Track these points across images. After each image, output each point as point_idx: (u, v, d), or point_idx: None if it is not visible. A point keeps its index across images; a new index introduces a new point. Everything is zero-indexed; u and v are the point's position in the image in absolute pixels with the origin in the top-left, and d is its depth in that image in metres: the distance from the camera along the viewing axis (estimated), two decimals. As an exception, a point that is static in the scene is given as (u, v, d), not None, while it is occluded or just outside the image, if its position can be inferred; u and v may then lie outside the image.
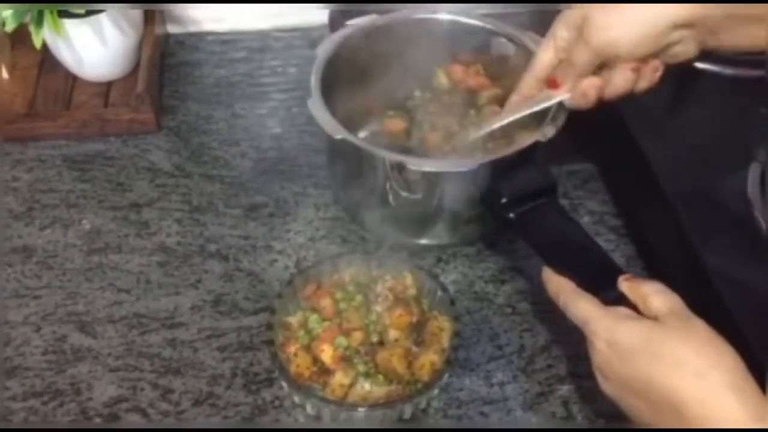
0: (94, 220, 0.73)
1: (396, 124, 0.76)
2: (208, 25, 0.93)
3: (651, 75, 0.57)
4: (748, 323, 0.53)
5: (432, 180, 0.63)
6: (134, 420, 0.58)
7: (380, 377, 0.57)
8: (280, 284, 0.66)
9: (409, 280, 0.63)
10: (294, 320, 0.61)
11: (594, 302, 0.51)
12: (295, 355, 0.58)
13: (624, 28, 0.55)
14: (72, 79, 0.84)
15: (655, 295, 0.49)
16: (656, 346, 0.46)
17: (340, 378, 0.57)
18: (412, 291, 0.62)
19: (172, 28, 0.93)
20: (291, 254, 0.70)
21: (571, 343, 0.63)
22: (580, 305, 0.51)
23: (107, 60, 0.82)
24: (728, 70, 0.70)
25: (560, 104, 0.62)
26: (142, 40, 0.85)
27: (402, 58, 0.74)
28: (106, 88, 0.83)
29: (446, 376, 0.58)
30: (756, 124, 0.64)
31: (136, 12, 0.83)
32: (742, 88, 0.70)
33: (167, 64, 0.89)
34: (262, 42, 0.92)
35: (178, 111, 0.84)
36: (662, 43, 0.55)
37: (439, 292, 0.62)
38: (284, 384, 0.57)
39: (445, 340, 0.59)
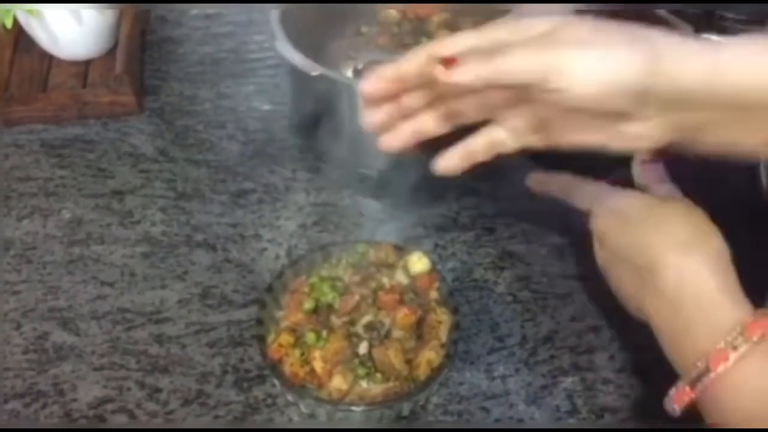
0: (74, 209, 0.70)
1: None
2: (190, -1, 0.89)
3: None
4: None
5: None
6: (121, 421, 0.56)
7: (378, 375, 0.55)
8: (270, 275, 0.64)
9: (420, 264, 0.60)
10: (285, 316, 0.58)
11: (600, 184, 0.52)
12: (287, 355, 0.55)
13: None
14: (48, 59, 0.80)
15: (663, 185, 0.51)
16: (656, 218, 0.47)
17: (338, 383, 0.54)
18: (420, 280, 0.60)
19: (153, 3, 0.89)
20: (281, 243, 0.67)
21: (575, 334, 0.60)
22: (587, 187, 0.52)
23: (84, 38, 0.78)
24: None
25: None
26: (121, 15, 0.81)
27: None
28: (84, 68, 0.79)
29: (445, 371, 0.55)
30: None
31: (113, -14, 0.79)
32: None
33: (148, 42, 0.85)
34: (247, 15, 0.89)
35: (160, 91, 0.80)
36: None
37: (437, 283, 0.59)
38: (277, 383, 0.55)
39: (444, 334, 0.57)
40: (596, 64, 0.39)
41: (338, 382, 0.54)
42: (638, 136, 0.42)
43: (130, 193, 0.71)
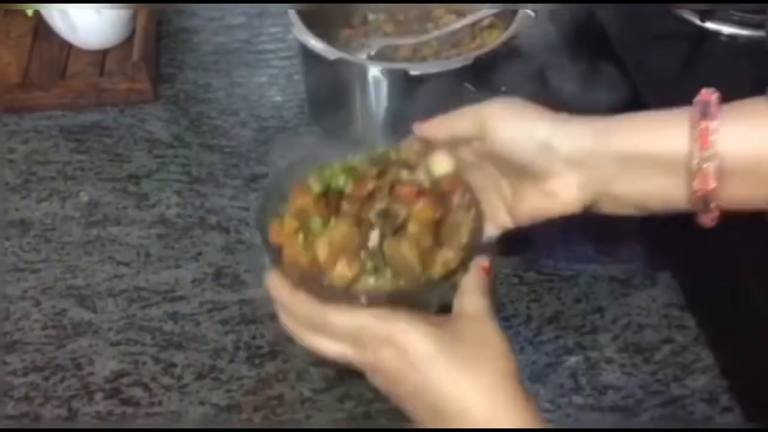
0: (92, 192, 0.71)
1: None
2: (205, -10, 0.91)
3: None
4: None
5: (430, 83, 0.65)
6: (137, 394, 0.58)
7: (388, 272, 0.48)
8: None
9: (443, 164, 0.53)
10: (291, 201, 0.51)
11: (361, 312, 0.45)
12: (289, 240, 0.48)
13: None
14: (67, 47, 0.82)
15: (478, 298, 0.47)
16: (445, 364, 0.43)
17: (342, 270, 0.46)
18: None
19: (169, -6, 0.91)
20: (293, 225, 0.69)
21: (579, 314, 0.62)
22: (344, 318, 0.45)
23: (102, 27, 0.80)
24: (743, 32, 0.68)
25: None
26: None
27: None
28: (101, 56, 0.81)
29: (460, 274, 0.49)
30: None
31: (130, -23, 0.81)
32: (757, 51, 0.68)
33: (164, 31, 0.87)
34: (261, 7, 0.90)
35: (175, 79, 0.82)
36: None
37: (461, 188, 0.52)
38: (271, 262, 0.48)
39: (464, 237, 0.49)
40: (510, 120, 0.48)
41: (342, 269, 0.47)
42: (561, 194, 0.47)
43: (146, 177, 0.73)
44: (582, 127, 0.46)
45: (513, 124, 0.48)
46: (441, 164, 0.53)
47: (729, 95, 0.65)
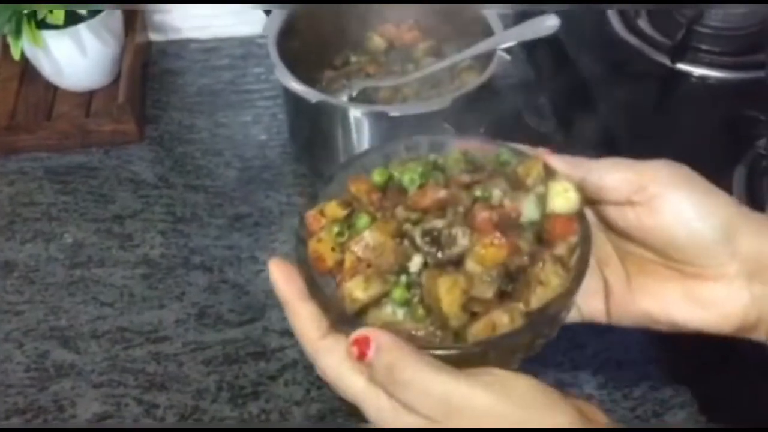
0: (76, 233, 0.72)
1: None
2: (190, 33, 0.93)
3: None
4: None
5: (410, 124, 0.66)
6: (119, 436, 0.58)
7: (420, 310, 0.37)
8: (265, 295, 0.66)
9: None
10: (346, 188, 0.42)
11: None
12: (322, 228, 0.40)
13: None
14: (53, 89, 0.83)
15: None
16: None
17: (353, 288, 0.37)
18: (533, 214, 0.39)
19: (154, 36, 0.92)
20: (276, 264, 0.69)
21: (559, 351, 0.62)
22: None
23: (88, 70, 0.81)
24: (714, 73, 0.71)
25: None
26: (124, 48, 0.84)
27: (335, 26, 0.79)
28: (87, 98, 0.82)
29: (504, 352, 0.37)
30: (745, 127, 0.64)
31: (116, 21, 0.82)
32: (727, 92, 0.70)
33: (149, 73, 0.89)
34: (245, 49, 0.92)
35: (160, 120, 0.83)
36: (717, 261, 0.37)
37: (576, 237, 0.39)
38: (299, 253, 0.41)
39: (537, 302, 0.37)
40: (685, 190, 0.37)
41: (355, 287, 0.37)
42: (724, 304, 0.37)
43: (130, 217, 0.73)
44: None
45: (689, 197, 0.37)
46: (564, 196, 0.39)
47: (700, 136, 0.68)
